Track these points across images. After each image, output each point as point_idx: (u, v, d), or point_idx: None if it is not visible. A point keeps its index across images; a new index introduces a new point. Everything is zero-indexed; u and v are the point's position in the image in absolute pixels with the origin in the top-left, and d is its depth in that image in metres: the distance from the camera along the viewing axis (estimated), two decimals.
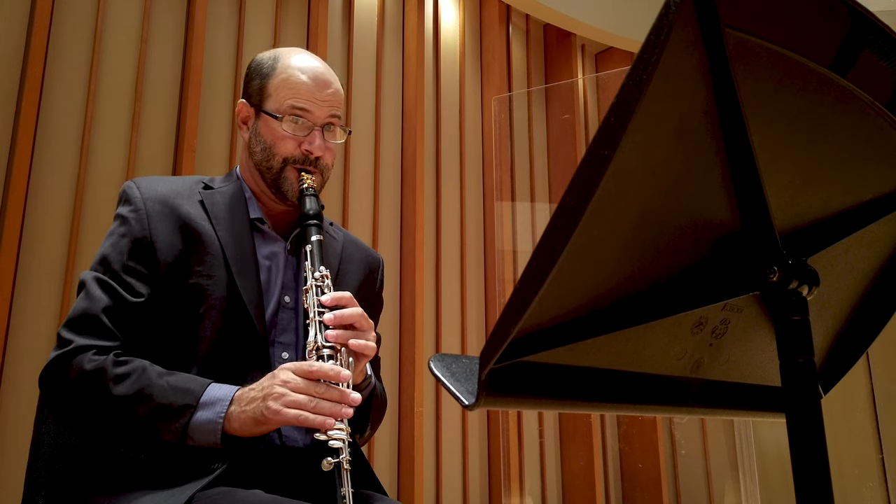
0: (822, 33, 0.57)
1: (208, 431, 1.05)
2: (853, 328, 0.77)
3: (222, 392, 1.08)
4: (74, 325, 1.12)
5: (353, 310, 1.15)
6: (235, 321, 1.17)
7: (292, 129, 1.26)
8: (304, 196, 1.24)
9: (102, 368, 1.08)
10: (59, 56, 2.27)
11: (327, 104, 1.28)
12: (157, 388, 1.07)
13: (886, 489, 3.25)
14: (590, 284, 0.55)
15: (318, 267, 1.18)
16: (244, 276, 1.20)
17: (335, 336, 1.11)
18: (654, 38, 0.47)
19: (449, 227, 3.36)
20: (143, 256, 1.17)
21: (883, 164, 0.68)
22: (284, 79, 1.28)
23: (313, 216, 1.22)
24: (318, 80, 1.28)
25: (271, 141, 1.26)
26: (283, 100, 1.26)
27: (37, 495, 1.15)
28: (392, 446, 2.92)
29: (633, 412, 0.69)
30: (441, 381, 0.63)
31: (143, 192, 1.22)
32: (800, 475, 0.56)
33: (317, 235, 1.22)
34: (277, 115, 1.25)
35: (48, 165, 2.20)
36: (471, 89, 3.61)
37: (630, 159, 0.49)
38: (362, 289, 1.37)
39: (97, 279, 1.15)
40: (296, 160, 1.26)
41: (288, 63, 1.29)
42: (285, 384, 1.04)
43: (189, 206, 1.22)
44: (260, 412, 1.03)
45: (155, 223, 1.19)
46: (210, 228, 1.21)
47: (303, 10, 2.98)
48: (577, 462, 3.44)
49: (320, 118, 1.27)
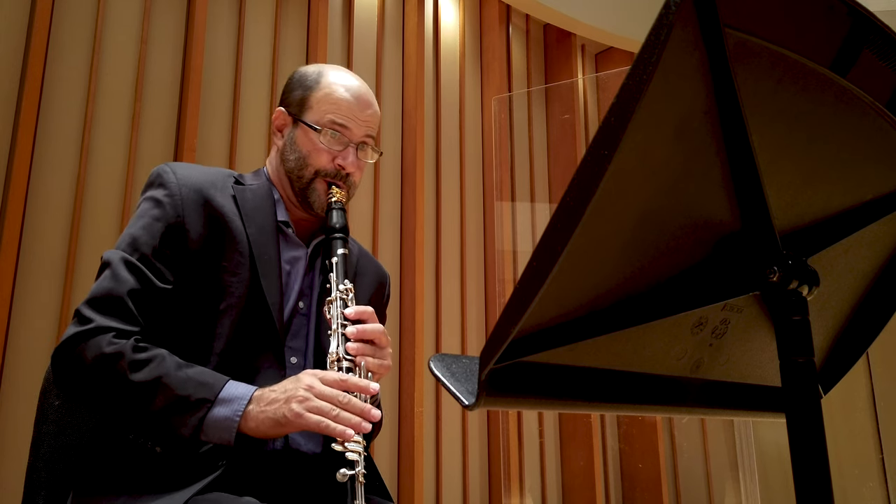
0: (822, 33, 0.57)
1: (223, 428, 1.05)
2: (853, 328, 0.77)
3: (241, 390, 1.08)
4: (97, 304, 1.10)
5: (375, 326, 1.17)
6: (255, 321, 1.17)
7: (329, 142, 1.28)
8: (332, 209, 1.27)
9: (121, 352, 1.06)
10: (59, 56, 2.27)
11: (365, 124, 1.31)
12: (175, 379, 1.06)
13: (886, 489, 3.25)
14: (590, 284, 0.55)
15: (343, 280, 1.21)
16: (268, 277, 1.20)
17: (356, 349, 1.13)
18: (654, 38, 0.47)
19: (449, 227, 3.36)
20: (174, 243, 1.16)
21: (883, 164, 0.68)
22: (328, 93, 1.30)
23: (340, 230, 1.25)
24: (360, 100, 1.31)
25: (307, 151, 1.28)
26: (324, 113, 1.29)
27: (37, 495, 1.15)
28: (392, 446, 2.92)
29: (633, 412, 0.69)
30: (441, 381, 0.63)
31: (179, 177, 1.21)
32: (800, 475, 0.56)
33: (342, 249, 1.24)
34: (317, 127, 1.28)
35: (48, 165, 2.20)
36: (471, 89, 3.61)
37: (630, 159, 0.49)
38: (372, 302, 1.38)
39: (125, 260, 1.14)
40: (327, 173, 1.28)
41: (332, 79, 1.32)
42: (310, 389, 1.05)
43: (222, 199, 1.22)
44: (282, 414, 1.03)
45: (189, 211, 1.18)
46: (240, 225, 1.21)
47: (303, 10, 2.98)
48: (577, 462, 3.44)
49: (357, 136, 1.30)
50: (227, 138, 2.63)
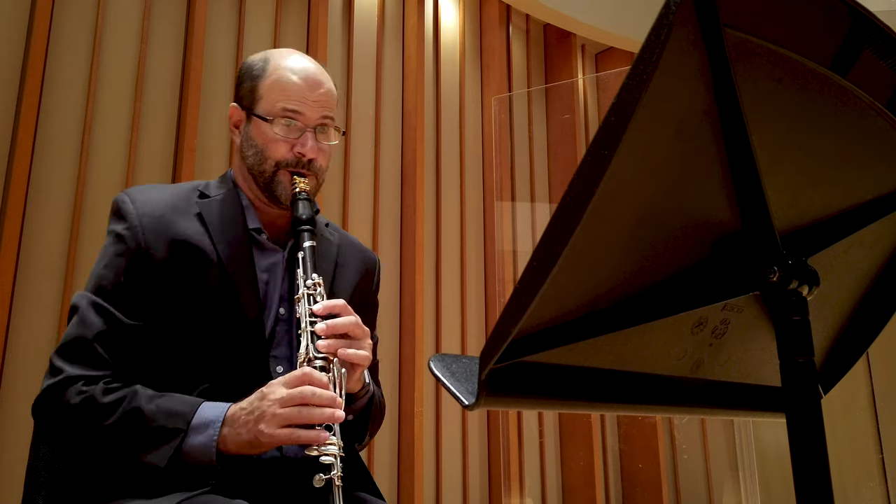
0: (822, 33, 0.57)
1: (203, 454, 1.04)
2: (853, 328, 0.77)
3: (214, 413, 1.06)
4: (66, 353, 1.10)
5: (345, 318, 1.12)
6: (237, 337, 1.15)
7: (284, 131, 1.22)
8: (297, 200, 1.21)
9: (91, 398, 1.06)
10: (59, 56, 2.27)
11: (319, 105, 1.24)
12: (146, 414, 1.05)
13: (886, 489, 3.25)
14: (590, 284, 0.55)
15: (311, 275, 1.16)
16: (245, 292, 1.17)
17: (326, 346, 1.09)
18: (654, 38, 0.47)
19: (449, 227, 3.36)
20: (140, 275, 1.14)
21: (883, 164, 0.68)
22: (275, 80, 1.24)
23: (306, 221, 1.20)
24: (309, 81, 1.25)
25: (263, 144, 1.23)
26: (275, 102, 1.23)
27: (37, 495, 1.15)
28: (392, 446, 2.92)
29: (633, 412, 0.69)
30: (441, 381, 0.63)
31: (137, 206, 1.18)
32: (800, 475, 0.56)
33: (309, 241, 1.19)
34: (268, 118, 1.22)
35: (48, 165, 2.20)
36: (471, 89, 3.61)
37: (630, 159, 0.49)
38: (358, 291, 1.34)
39: (92, 302, 1.13)
40: (288, 163, 1.23)
41: (278, 64, 1.26)
42: (276, 403, 1.02)
43: (186, 222, 1.19)
44: (253, 436, 1.02)
45: (151, 240, 1.15)
46: (209, 243, 1.18)
47: (303, 10, 2.98)
48: (577, 462, 3.44)
49: (312, 119, 1.24)
50: (226, 138, 2.63)
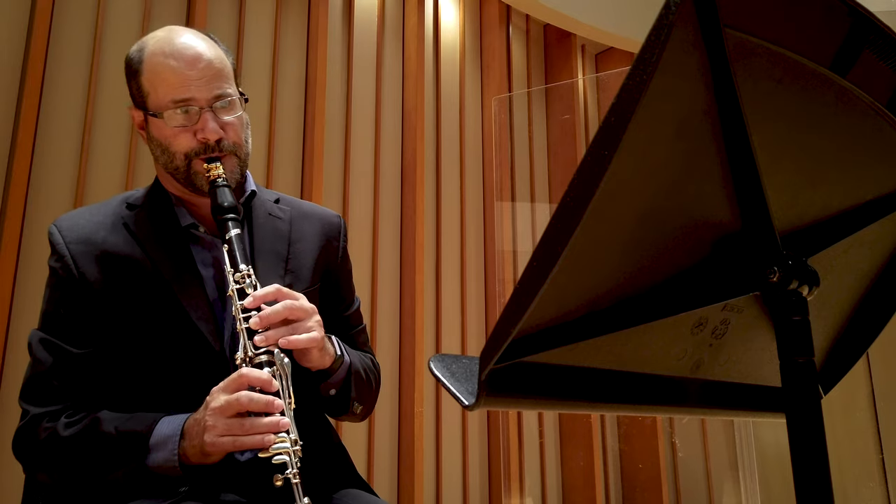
0: (822, 33, 0.57)
1: (167, 468, 1.04)
2: (853, 328, 0.77)
3: (171, 428, 1.05)
4: (26, 394, 1.11)
5: (278, 305, 1.06)
6: (189, 342, 1.12)
7: (179, 121, 1.14)
8: (215, 189, 1.14)
9: (55, 433, 1.07)
10: (59, 56, 2.27)
11: (205, 80, 1.15)
12: (106, 440, 1.05)
13: (886, 489, 3.25)
14: (590, 284, 0.55)
15: (239, 266, 1.09)
16: (188, 293, 1.13)
17: (264, 339, 1.05)
18: (654, 38, 0.47)
19: (449, 227, 3.36)
20: (79, 302, 1.12)
21: (883, 164, 0.68)
22: (152, 71, 1.16)
23: (228, 209, 1.13)
24: (186, 59, 1.15)
25: (166, 141, 1.16)
26: (160, 94, 1.15)
27: (37, 495, 1.15)
28: (392, 446, 2.92)
29: (633, 412, 0.69)
30: (441, 382, 0.62)
31: (64, 235, 1.16)
32: (800, 475, 0.56)
33: (234, 230, 1.12)
34: (159, 114, 1.15)
35: (48, 165, 2.20)
36: (471, 89, 3.61)
37: (630, 159, 0.49)
38: (321, 263, 1.29)
39: (41, 340, 1.12)
40: (197, 152, 1.15)
41: (152, 52, 1.16)
42: (214, 412, 1.01)
43: (114, 237, 1.16)
44: (202, 447, 1.01)
45: (83, 265, 1.13)
46: (140, 251, 1.15)
47: (303, 10, 2.98)
48: (577, 462, 3.44)
49: (204, 98, 1.15)
50: None
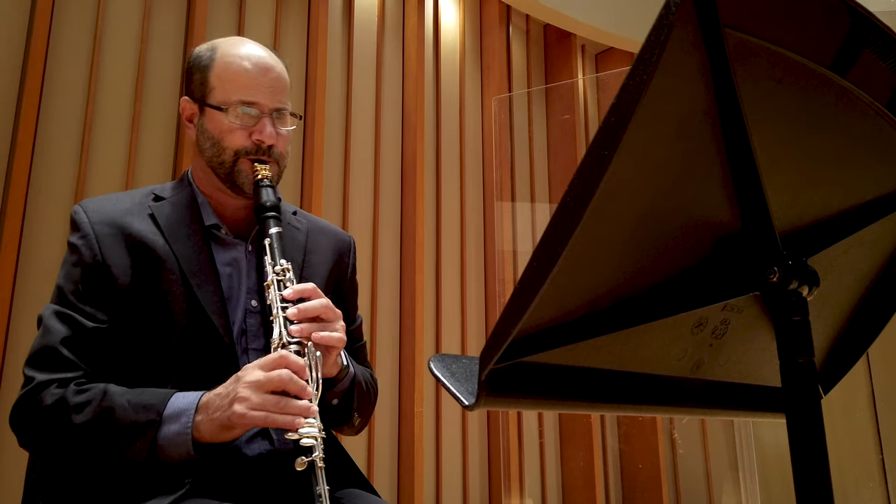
0: (822, 33, 0.57)
1: (178, 444, 1.03)
2: (853, 328, 0.77)
3: (186, 402, 1.06)
4: (35, 362, 1.11)
5: (316, 301, 1.12)
6: (201, 334, 1.14)
7: (240, 119, 1.20)
8: (260, 188, 1.19)
9: (63, 399, 1.06)
10: (59, 56, 2.27)
11: (272, 90, 1.22)
12: (118, 410, 1.05)
13: (886, 489, 3.25)
14: (590, 284, 0.55)
15: (279, 260, 1.15)
16: (203, 287, 1.16)
17: (299, 330, 1.08)
18: (654, 38, 0.47)
19: (449, 227, 3.36)
20: (97, 281, 1.14)
21: (883, 164, 0.68)
22: (225, 69, 1.22)
23: (270, 208, 1.18)
24: (260, 66, 1.23)
25: (219, 135, 1.21)
26: (227, 91, 1.21)
27: (37, 495, 1.15)
28: (392, 446, 2.92)
29: (633, 412, 0.69)
30: (441, 382, 0.62)
31: (90, 215, 1.19)
32: (800, 475, 0.56)
33: (276, 228, 1.18)
34: (223, 107, 1.20)
35: (48, 165, 2.20)
36: (471, 89, 3.61)
37: (630, 159, 0.49)
38: (332, 276, 1.33)
39: (55, 312, 1.13)
40: (248, 151, 1.20)
41: (227, 52, 1.23)
42: (250, 385, 1.02)
43: (139, 224, 1.19)
44: (227, 417, 1.01)
45: (106, 246, 1.16)
46: (163, 242, 1.18)
47: (303, 10, 2.98)
48: (577, 462, 3.44)
49: (268, 105, 1.22)
50: None
